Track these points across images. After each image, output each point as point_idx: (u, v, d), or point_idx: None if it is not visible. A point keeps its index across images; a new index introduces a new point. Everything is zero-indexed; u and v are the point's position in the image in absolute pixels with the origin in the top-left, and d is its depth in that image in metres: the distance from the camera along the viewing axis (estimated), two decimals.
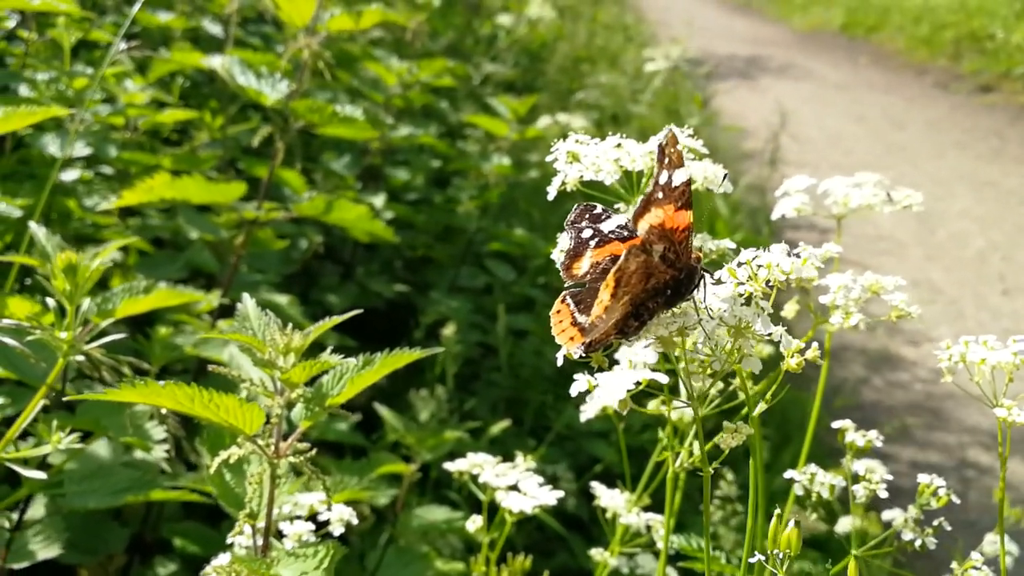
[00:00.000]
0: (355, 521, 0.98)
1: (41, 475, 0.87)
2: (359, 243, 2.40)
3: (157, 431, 1.04)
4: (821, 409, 0.96)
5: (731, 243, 0.75)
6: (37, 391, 0.97)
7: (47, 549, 1.16)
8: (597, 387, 0.57)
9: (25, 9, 1.77)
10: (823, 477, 0.80)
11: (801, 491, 0.81)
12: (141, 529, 1.53)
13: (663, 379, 0.56)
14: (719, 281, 0.62)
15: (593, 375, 0.59)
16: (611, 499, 1.14)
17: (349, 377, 0.78)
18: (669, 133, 0.60)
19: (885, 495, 0.80)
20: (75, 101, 1.64)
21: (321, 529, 0.95)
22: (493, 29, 3.95)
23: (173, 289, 1.16)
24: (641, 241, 0.60)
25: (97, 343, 0.92)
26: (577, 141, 0.78)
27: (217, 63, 1.54)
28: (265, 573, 0.71)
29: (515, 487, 1.07)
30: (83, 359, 0.92)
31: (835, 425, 0.89)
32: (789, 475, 0.82)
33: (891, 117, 6.61)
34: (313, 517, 0.97)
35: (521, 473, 1.09)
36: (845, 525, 1.11)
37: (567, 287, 0.67)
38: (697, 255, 0.61)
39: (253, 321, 0.78)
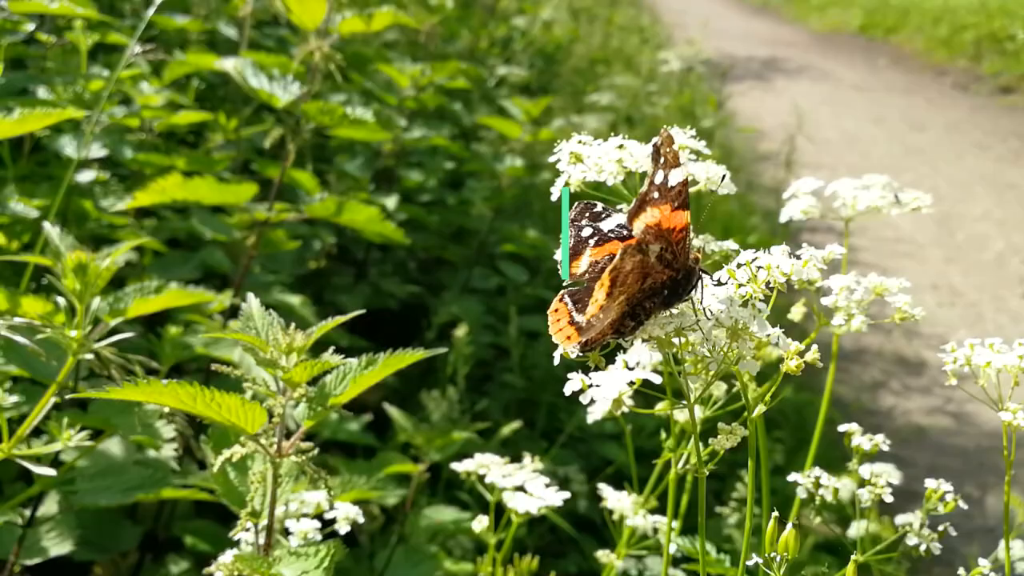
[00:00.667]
0: (361, 520, 0.98)
1: (50, 471, 0.88)
2: (373, 244, 2.41)
3: (167, 430, 1.05)
4: (839, 412, 0.95)
5: (735, 244, 0.75)
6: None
7: (59, 545, 1.17)
8: (591, 386, 0.57)
9: (43, 13, 1.79)
10: (828, 481, 0.79)
11: (804, 495, 0.80)
12: (154, 527, 1.54)
13: (656, 379, 0.56)
14: (720, 282, 0.62)
15: (591, 374, 0.59)
16: (617, 501, 1.14)
17: (352, 377, 0.78)
18: (664, 133, 0.59)
19: (890, 499, 0.79)
20: (91, 103, 1.65)
21: (328, 527, 0.95)
22: (508, 31, 3.95)
23: (184, 289, 1.18)
24: (637, 241, 0.59)
25: (107, 341, 0.93)
26: (580, 142, 0.78)
27: (230, 65, 1.55)
28: (266, 572, 0.72)
29: (521, 488, 1.07)
30: (93, 358, 0.93)
31: (841, 429, 0.88)
32: (793, 478, 0.81)
33: (910, 119, 6.56)
34: (320, 515, 0.98)
35: (528, 474, 1.09)
36: (858, 529, 1.10)
37: (565, 286, 0.67)
38: (696, 255, 0.61)
39: (257, 321, 0.79)
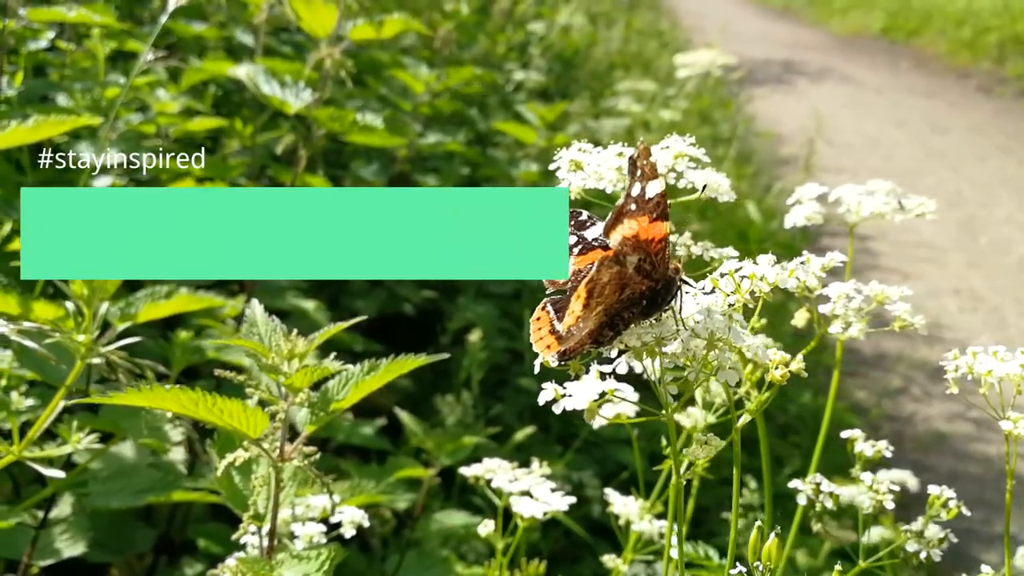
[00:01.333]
0: (367, 523, 0.99)
1: (60, 474, 0.90)
2: None
3: (175, 433, 1.06)
4: (858, 418, 0.95)
5: (733, 251, 0.75)
6: None
7: (72, 547, 1.19)
8: (564, 396, 0.57)
9: (63, 21, 1.82)
10: (827, 487, 0.79)
11: (804, 501, 0.80)
12: (168, 529, 1.55)
13: (628, 390, 0.56)
14: (710, 292, 0.62)
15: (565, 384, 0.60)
16: (624, 506, 1.14)
17: (354, 382, 0.79)
18: (640, 145, 0.60)
19: (891, 506, 0.79)
20: (108, 110, 1.68)
21: (333, 531, 0.96)
22: (526, 36, 3.96)
23: (194, 294, 1.19)
24: (614, 252, 0.60)
25: (115, 345, 0.94)
26: (580, 150, 0.78)
27: (242, 72, 1.57)
28: (267, 574, 0.73)
29: (528, 493, 1.07)
30: (103, 362, 0.95)
31: (844, 435, 0.88)
32: (793, 484, 0.81)
33: (932, 122, 6.50)
34: (326, 520, 0.99)
35: (535, 479, 1.10)
36: (867, 536, 1.09)
37: (548, 294, 0.67)
38: (676, 266, 0.61)
39: (260, 327, 0.80)
